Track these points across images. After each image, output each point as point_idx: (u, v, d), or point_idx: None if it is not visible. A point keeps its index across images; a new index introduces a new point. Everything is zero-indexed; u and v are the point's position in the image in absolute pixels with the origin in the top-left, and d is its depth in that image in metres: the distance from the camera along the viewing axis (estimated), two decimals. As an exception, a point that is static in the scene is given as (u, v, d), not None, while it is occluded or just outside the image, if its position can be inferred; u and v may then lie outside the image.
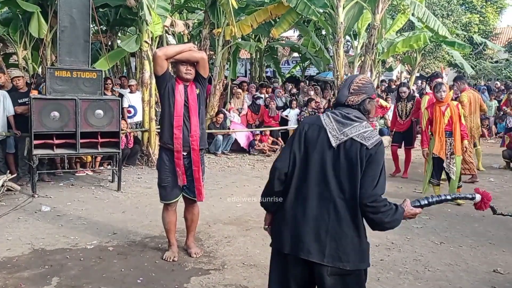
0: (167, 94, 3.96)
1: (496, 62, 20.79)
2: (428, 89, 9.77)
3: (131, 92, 9.33)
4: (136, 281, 3.66)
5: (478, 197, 2.43)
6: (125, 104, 9.10)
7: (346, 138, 2.16)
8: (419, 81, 17.53)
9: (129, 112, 9.18)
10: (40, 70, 10.04)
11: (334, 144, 2.17)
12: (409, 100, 7.95)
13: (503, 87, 15.51)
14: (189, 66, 3.94)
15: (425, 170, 6.47)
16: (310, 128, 2.27)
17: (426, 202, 2.37)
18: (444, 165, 6.14)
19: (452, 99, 6.54)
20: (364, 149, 2.14)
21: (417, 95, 10.35)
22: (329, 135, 2.19)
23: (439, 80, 8.58)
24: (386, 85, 14.59)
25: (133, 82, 9.52)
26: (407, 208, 2.28)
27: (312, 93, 11.99)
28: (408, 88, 8.26)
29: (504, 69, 18.70)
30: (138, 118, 9.10)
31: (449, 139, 6.07)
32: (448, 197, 2.40)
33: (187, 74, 3.95)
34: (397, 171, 8.09)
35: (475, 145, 8.06)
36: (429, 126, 6.24)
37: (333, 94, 11.58)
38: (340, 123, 2.21)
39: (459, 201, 6.05)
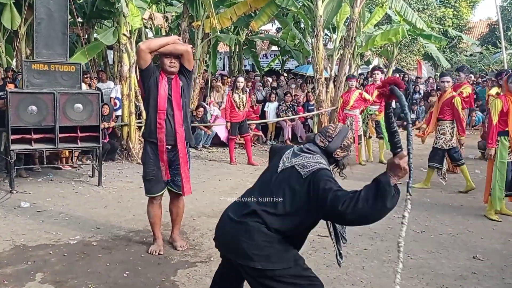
0: (151, 88, 3.91)
1: (471, 55, 21.22)
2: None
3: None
4: (122, 275, 3.63)
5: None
6: (113, 94, 9.13)
7: (289, 165, 2.29)
8: (396, 74, 17.77)
9: (115, 104, 9.14)
10: (14, 64, 9.80)
11: (279, 170, 2.33)
12: (244, 92, 8.25)
13: (479, 80, 15.89)
14: (173, 59, 3.90)
15: (490, 182, 5.25)
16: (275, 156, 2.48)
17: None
18: None
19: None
20: (300, 177, 2.23)
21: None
22: (280, 162, 2.35)
23: (378, 72, 8.34)
24: (364, 77, 14.80)
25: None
26: (400, 159, 2.09)
27: (293, 86, 12.05)
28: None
29: (479, 62, 19.09)
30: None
31: None
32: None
33: (171, 67, 3.91)
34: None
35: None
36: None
37: (312, 88, 11.62)
38: (294, 155, 2.35)
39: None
